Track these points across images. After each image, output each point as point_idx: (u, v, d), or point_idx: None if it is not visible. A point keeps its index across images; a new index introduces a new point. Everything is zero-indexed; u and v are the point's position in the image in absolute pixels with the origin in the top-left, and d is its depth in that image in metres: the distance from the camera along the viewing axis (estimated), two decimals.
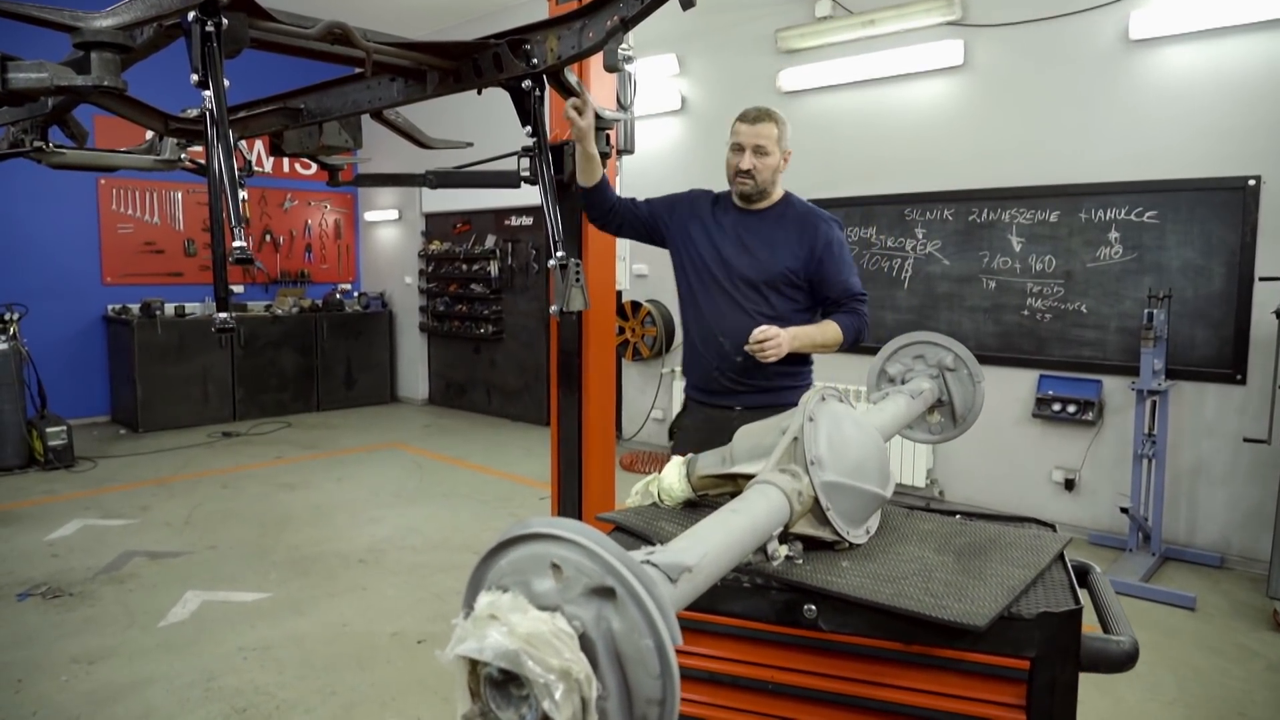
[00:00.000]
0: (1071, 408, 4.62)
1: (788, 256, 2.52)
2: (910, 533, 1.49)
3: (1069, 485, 4.72)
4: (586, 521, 1.54)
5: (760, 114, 2.52)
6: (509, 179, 3.01)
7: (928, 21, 4.98)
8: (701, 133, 6.31)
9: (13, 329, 6.29)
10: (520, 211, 8.04)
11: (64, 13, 1.58)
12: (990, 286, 4.93)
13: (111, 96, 1.87)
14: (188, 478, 6.04)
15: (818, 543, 1.34)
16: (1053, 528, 1.54)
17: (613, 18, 1.89)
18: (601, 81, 2.83)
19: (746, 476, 1.37)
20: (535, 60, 2.05)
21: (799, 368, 2.59)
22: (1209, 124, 4.21)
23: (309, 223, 9.42)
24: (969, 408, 1.92)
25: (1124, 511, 4.25)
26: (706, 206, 2.67)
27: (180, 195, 8.32)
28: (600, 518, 1.55)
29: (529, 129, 2.20)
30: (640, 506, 1.59)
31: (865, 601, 1.18)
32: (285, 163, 8.90)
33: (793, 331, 2.41)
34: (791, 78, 5.64)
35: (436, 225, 9.03)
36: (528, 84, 2.12)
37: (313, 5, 2.36)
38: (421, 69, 2.16)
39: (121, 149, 3.30)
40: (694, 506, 1.56)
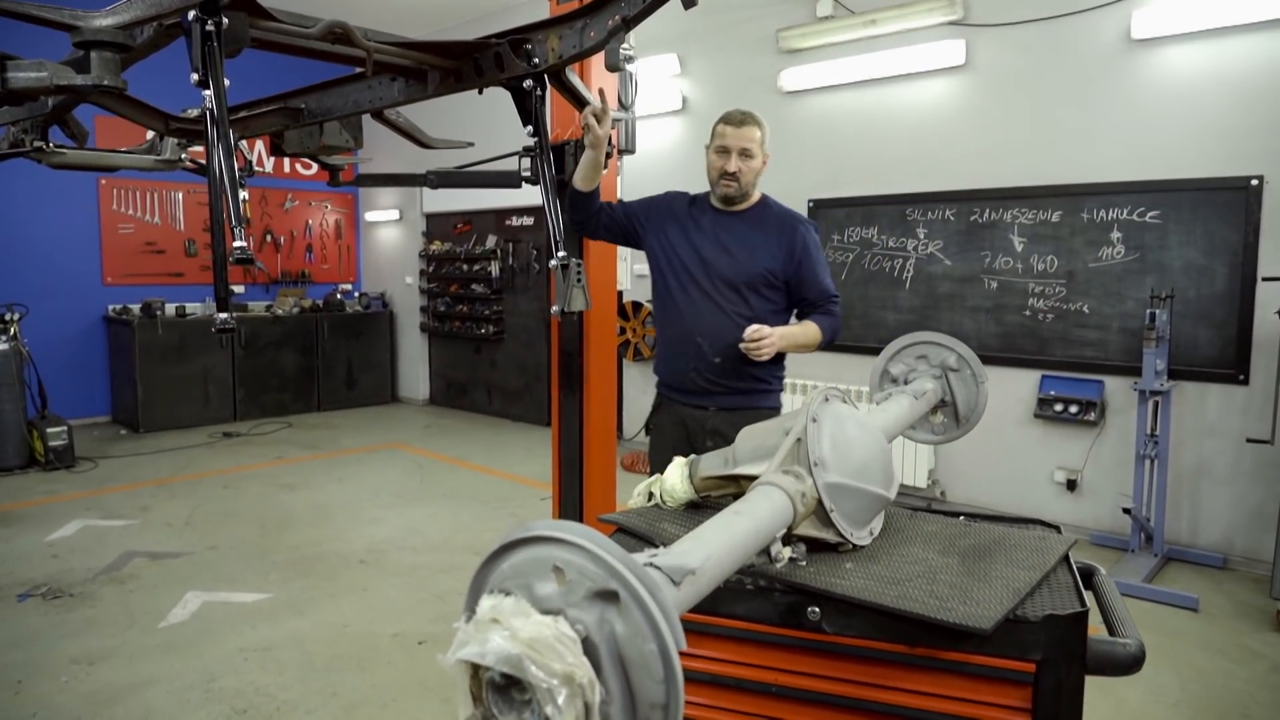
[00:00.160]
0: (1073, 408, 4.61)
1: (767, 258, 2.56)
2: (914, 534, 1.48)
3: (1071, 486, 4.71)
4: (588, 522, 1.53)
5: (745, 117, 2.54)
6: (510, 179, 3.01)
7: (929, 21, 4.98)
8: (702, 133, 6.25)
9: (13, 329, 6.28)
10: (521, 211, 8.03)
11: (64, 12, 1.58)
12: (992, 287, 4.92)
13: (111, 96, 1.86)
14: (188, 478, 6.04)
15: (821, 544, 1.34)
16: (1057, 529, 1.54)
17: (614, 17, 1.88)
18: (602, 81, 2.82)
19: (749, 478, 1.36)
20: (536, 60, 2.05)
21: (773, 370, 2.63)
22: (1211, 124, 4.20)
23: (310, 223, 9.42)
24: (972, 408, 1.91)
25: (1126, 512, 4.24)
26: (684, 208, 2.69)
27: (181, 195, 8.32)
28: (602, 519, 1.54)
29: (530, 129, 2.19)
30: (642, 508, 1.59)
31: (869, 604, 1.17)
32: (286, 163, 8.90)
33: (781, 331, 2.46)
34: (793, 78, 5.63)
35: (437, 225, 9.02)
36: (529, 83, 2.11)
37: (313, 5, 2.36)
38: (422, 68, 2.16)
39: (122, 149, 3.30)
40: (696, 508, 1.55)
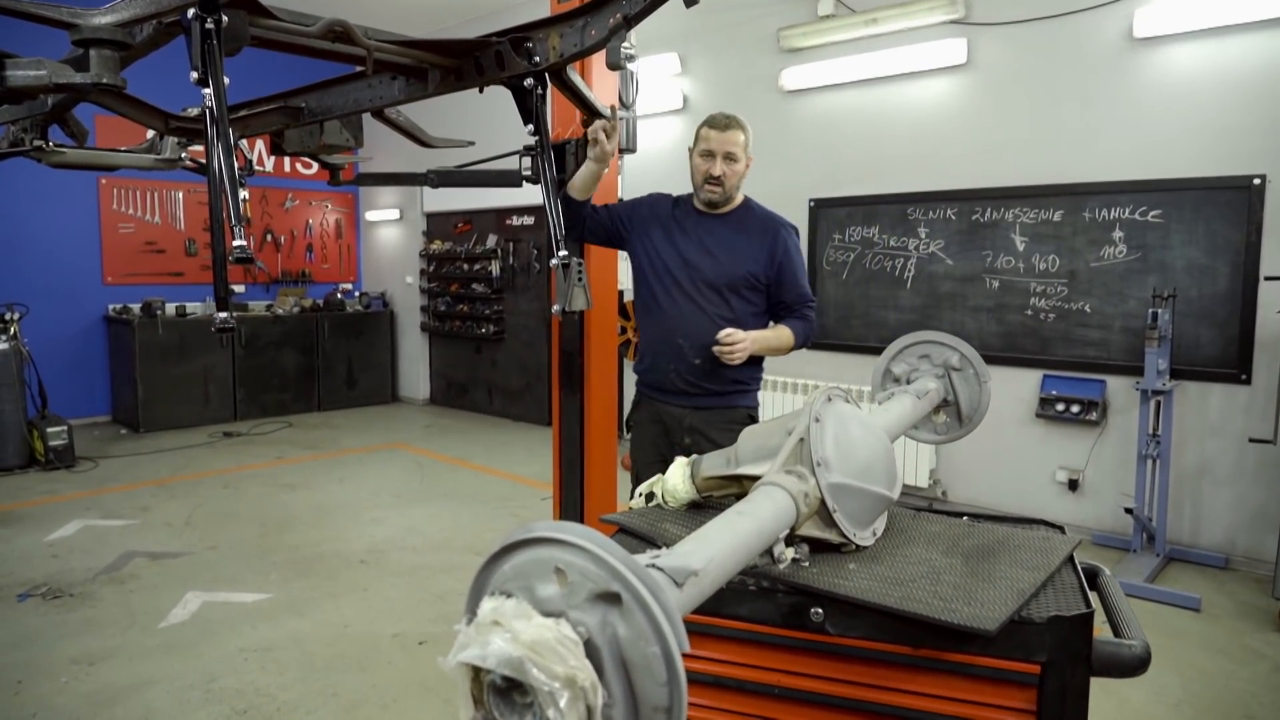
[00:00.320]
0: (1075, 408, 4.60)
1: (749, 260, 2.58)
2: (917, 535, 1.47)
3: (1073, 485, 4.70)
4: (589, 523, 1.52)
5: (729, 121, 2.56)
6: (511, 178, 3.00)
7: (930, 20, 4.97)
8: None
9: (13, 329, 6.28)
10: (522, 211, 8.03)
11: (62, 10, 1.57)
12: (993, 286, 4.91)
13: (111, 94, 1.86)
14: (188, 478, 6.03)
15: (824, 545, 1.33)
16: (1061, 529, 1.53)
17: (615, 15, 1.87)
18: (603, 80, 2.82)
19: (752, 478, 1.35)
20: (537, 58, 2.04)
21: (750, 372, 2.67)
22: (1214, 123, 4.19)
23: (310, 222, 9.41)
24: (975, 408, 1.91)
25: (1128, 512, 4.23)
26: (667, 210, 2.71)
27: (181, 195, 8.31)
28: (604, 519, 1.53)
29: (531, 127, 2.18)
30: (644, 508, 1.58)
31: (873, 605, 1.16)
32: (286, 162, 8.90)
33: (754, 335, 2.50)
34: (794, 77, 5.62)
35: (438, 225, 9.01)
36: (530, 82, 2.10)
37: (314, 3, 2.35)
38: (423, 67, 2.15)
39: (122, 148, 3.29)
40: (698, 508, 1.54)
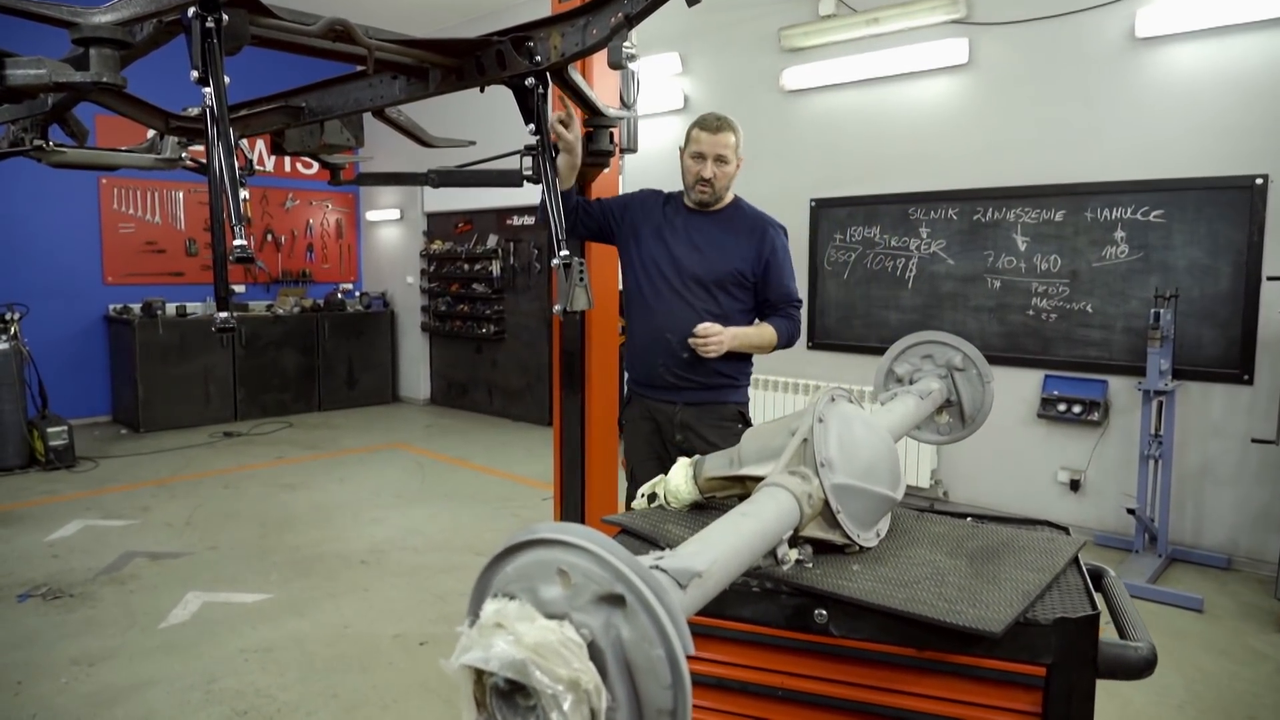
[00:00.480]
0: (1077, 408, 4.59)
1: (737, 258, 2.61)
2: (921, 536, 1.47)
3: (1074, 486, 4.69)
4: (590, 523, 1.51)
5: (721, 123, 2.59)
6: (511, 178, 2.99)
7: (932, 20, 4.96)
8: None
9: (14, 329, 6.28)
10: (522, 211, 8.02)
11: (62, 8, 1.56)
12: (995, 286, 4.91)
13: (111, 93, 1.85)
14: (189, 478, 6.03)
15: (828, 546, 1.32)
16: (1066, 530, 1.52)
17: (617, 14, 1.87)
18: (604, 80, 2.81)
19: (755, 479, 1.35)
20: (538, 57, 2.03)
21: (740, 367, 2.69)
22: (1216, 122, 4.18)
23: (310, 222, 9.41)
24: (978, 408, 1.90)
25: (1130, 512, 4.22)
26: (657, 207, 2.74)
27: (181, 195, 8.31)
28: (606, 520, 1.52)
29: (532, 127, 2.18)
30: (646, 509, 1.57)
31: (878, 606, 1.15)
32: (286, 162, 8.90)
33: (733, 331, 2.53)
34: (795, 76, 5.61)
35: (438, 225, 9.01)
36: (531, 81, 2.09)
37: (314, 2, 2.34)
38: (424, 66, 2.14)
39: (122, 148, 3.28)
40: (701, 509, 1.54)
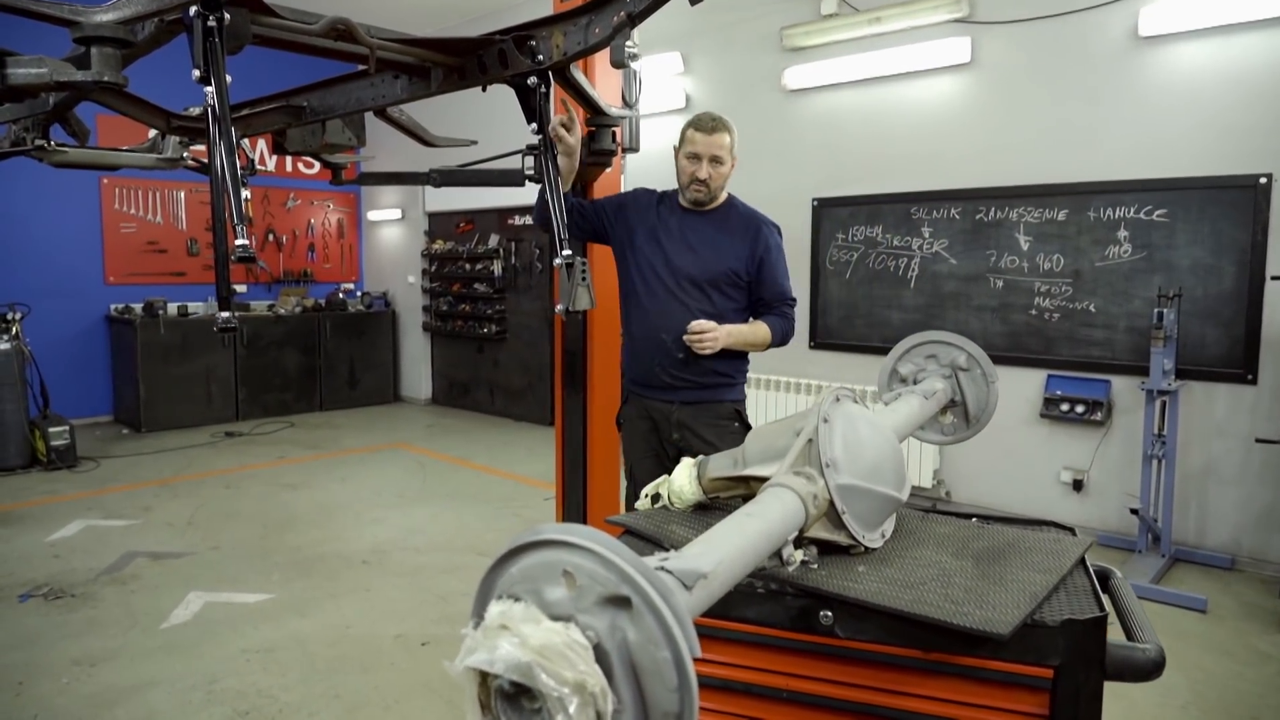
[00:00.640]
0: (1080, 408, 4.58)
1: (731, 257, 2.61)
2: (926, 536, 1.46)
3: (1077, 486, 4.68)
4: (592, 523, 1.51)
5: (715, 123, 2.58)
6: (513, 177, 2.99)
7: (934, 19, 4.95)
8: None
9: (15, 328, 6.27)
10: (524, 210, 8.00)
11: (64, 7, 1.56)
12: (998, 286, 4.90)
13: (112, 93, 1.85)
14: (190, 478, 6.03)
15: (833, 547, 1.31)
16: (1072, 531, 1.51)
17: (619, 13, 1.86)
18: (606, 79, 2.80)
19: (759, 479, 1.34)
20: (541, 56, 2.02)
21: (736, 366, 2.69)
22: (1219, 121, 4.16)
23: (312, 222, 9.41)
24: (983, 408, 1.89)
25: (1133, 513, 4.21)
26: (651, 206, 2.73)
27: (183, 194, 8.31)
28: (609, 521, 1.52)
29: (534, 126, 2.17)
30: (650, 509, 1.56)
31: (883, 608, 1.15)
32: (288, 161, 8.88)
33: (728, 329, 2.54)
34: (796, 76, 5.60)
35: (440, 224, 9.00)
36: (533, 81, 2.09)
37: (316, 1, 2.33)
38: (425, 66, 2.14)
39: (124, 148, 3.28)
40: (704, 509, 1.53)
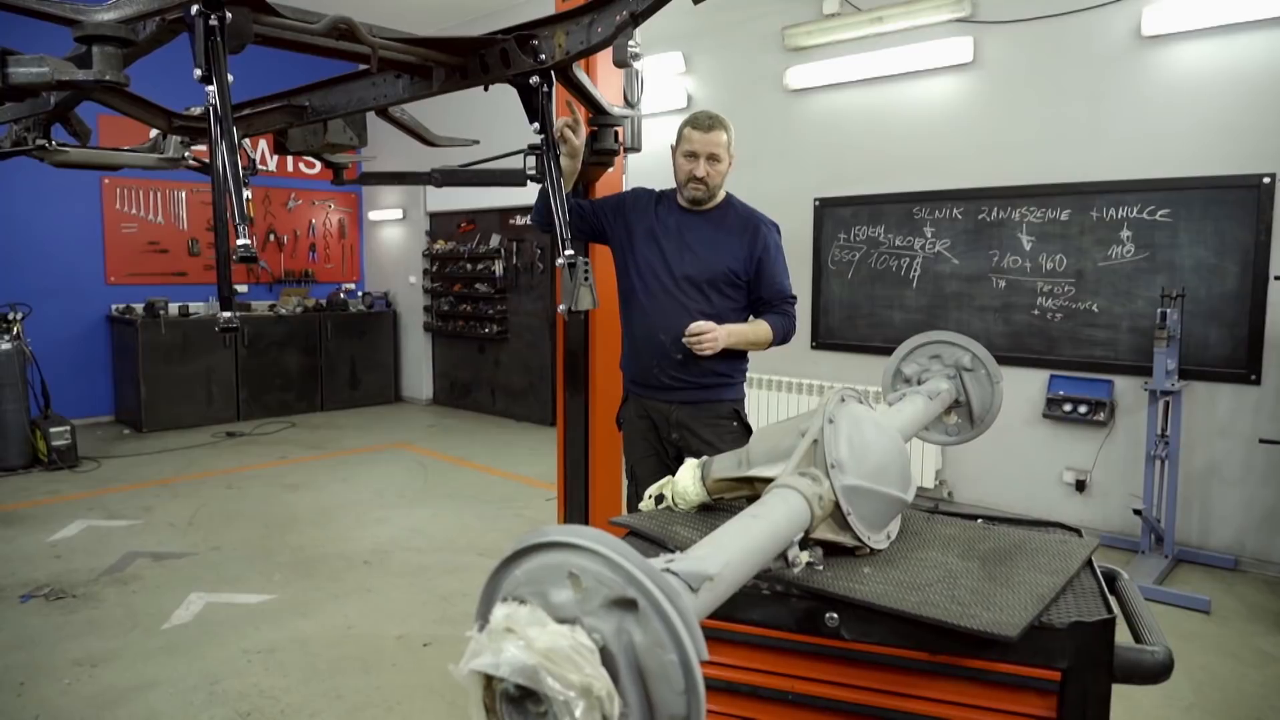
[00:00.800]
0: (1083, 408, 4.57)
1: (729, 257, 2.60)
2: (932, 538, 1.45)
3: (1080, 486, 4.67)
4: (595, 523, 1.50)
5: (713, 122, 2.57)
6: (515, 177, 2.99)
7: (937, 18, 4.94)
8: None
9: (16, 328, 6.27)
10: (526, 210, 7.99)
11: (65, 6, 1.56)
12: (1000, 286, 4.89)
13: (113, 92, 1.84)
14: (191, 478, 6.02)
15: (838, 548, 1.31)
16: (1078, 532, 1.50)
17: (622, 13, 1.86)
18: (608, 79, 2.80)
19: (764, 480, 1.33)
20: (543, 56, 2.02)
21: (735, 366, 2.68)
22: (1223, 121, 4.15)
23: (313, 222, 9.40)
24: (987, 409, 1.89)
25: (1136, 513, 4.20)
26: (650, 206, 2.72)
27: (184, 194, 8.31)
28: (613, 522, 1.51)
29: (536, 126, 2.17)
30: (654, 510, 1.56)
31: (889, 609, 1.14)
32: (289, 161, 8.88)
33: (728, 329, 2.52)
34: (798, 75, 5.60)
35: (441, 224, 9.00)
36: (535, 80, 2.08)
37: (318, 1, 2.33)
38: (427, 65, 2.13)
39: (125, 147, 3.28)
40: (708, 510, 1.52)
